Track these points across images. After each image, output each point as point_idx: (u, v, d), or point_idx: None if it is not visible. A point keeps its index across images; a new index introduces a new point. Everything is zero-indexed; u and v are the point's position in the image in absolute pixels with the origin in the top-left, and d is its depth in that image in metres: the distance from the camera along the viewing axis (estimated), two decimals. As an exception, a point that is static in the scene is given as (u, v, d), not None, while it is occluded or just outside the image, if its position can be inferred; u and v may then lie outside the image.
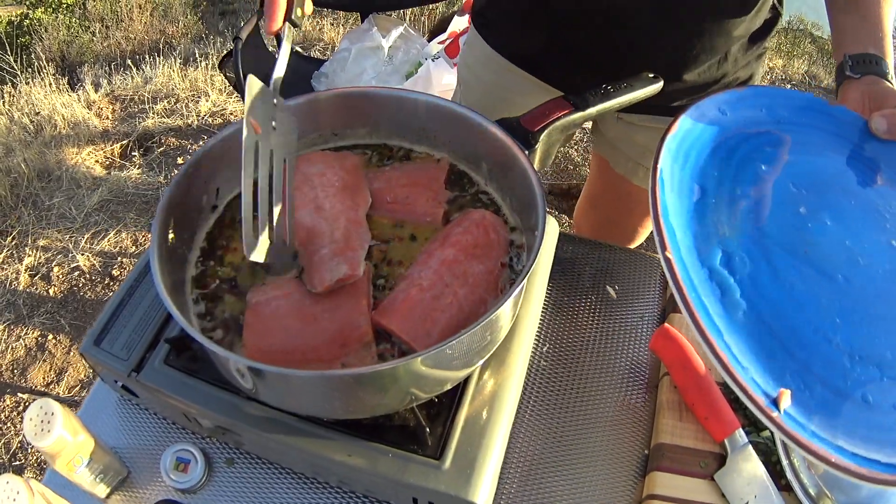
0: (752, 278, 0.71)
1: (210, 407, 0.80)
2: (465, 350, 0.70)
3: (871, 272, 0.75)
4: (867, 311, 0.72)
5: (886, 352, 0.69)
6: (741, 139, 0.85)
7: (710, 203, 0.76)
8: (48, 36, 5.53)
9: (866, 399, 0.66)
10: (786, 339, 0.67)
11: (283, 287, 0.79)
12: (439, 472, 0.75)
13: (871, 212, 0.82)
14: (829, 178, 0.85)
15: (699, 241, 0.72)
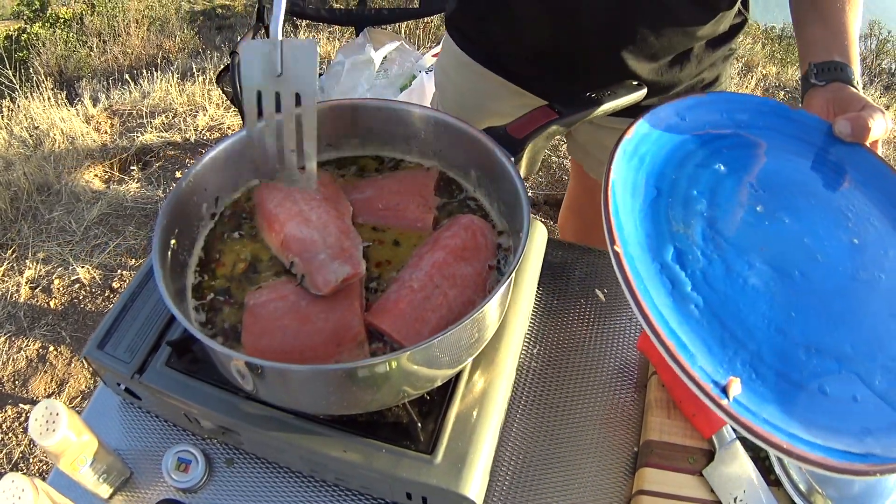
0: (704, 273, 0.73)
1: (210, 406, 0.83)
2: (454, 347, 0.74)
3: (830, 269, 0.78)
4: (825, 306, 0.74)
5: (846, 346, 0.72)
6: (700, 142, 0.89)
7: (665, 203, 0.79)
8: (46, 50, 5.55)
9: (823, 390, 0.68)
10: (737, 331, 0.70)
11: (279, 290, 0.82)
12: (431, 467, 0.78)
13: (833, 211, 0.85)
14: (790, 180, 0.88)
15: (652, 238, 0.75)
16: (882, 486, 0.94)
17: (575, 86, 1.16)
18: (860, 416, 0.68)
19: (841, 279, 0.77)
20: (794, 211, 0.83)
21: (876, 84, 6.50)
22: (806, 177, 0.90)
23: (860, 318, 0.75)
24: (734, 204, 0.82)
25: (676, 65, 1.22)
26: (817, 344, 0.71)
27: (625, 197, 0.77)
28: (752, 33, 7.34)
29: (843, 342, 0.72)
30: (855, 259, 0.80)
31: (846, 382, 0.69)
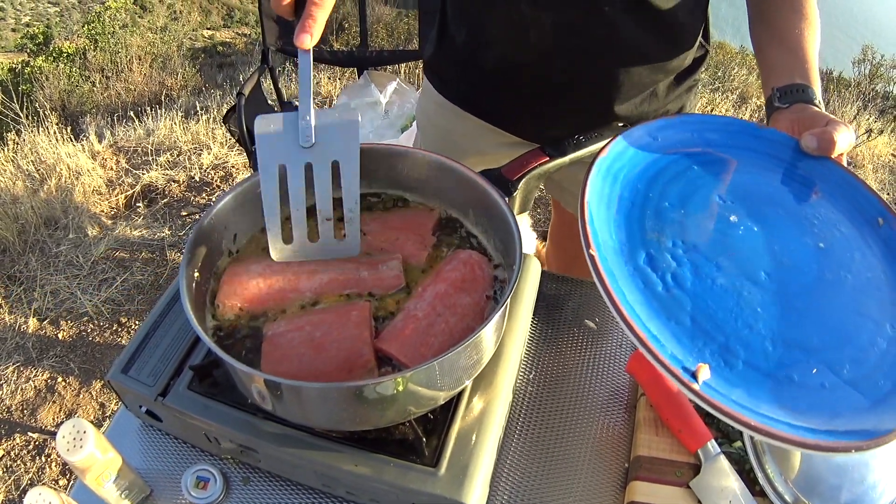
0: (675, 275, 0.81)
1: (231, 426, 0.90)
2: (453, 368, 0.81)
3: (796, 271, 0.85)
4: (791, 304, 0.81)
5: (812, 338, 0.79)
6: (671, 160, 0.96)
7: (638, 214, 0.87)
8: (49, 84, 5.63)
9: (791, 378, 0.75)
10: (705, 325, 0.77)
11: (295, 322, 0.89)
12: (435, 479, 0.85)
13: (800, 220, 0.93)
14: (759, 192, 0.95)
15: (625, 244, 0.83)
16: (870, 495, 0.98)
17: (550, 127, 1.24)
18: (829, 401, 0.74)
19: (807, 280, 0.85)
20: (762, 220, 0.91)
21: (870, 109, 6.58)
22: (774, 189, 0.97)
23: (827, 314, 0.82)
24: (704, 214, 0.90)
25: (645, 101, 1.29)
26: (784, 337, 0.78)
27: (600, 209, 0.85)
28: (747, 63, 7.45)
29: (810, 335, 0.79)
30: (821, 262, 0.87)
31: (814, 372, 0.76)
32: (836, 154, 0.98)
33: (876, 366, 0.78)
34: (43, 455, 2.31)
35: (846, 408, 0.74)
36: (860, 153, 5.69)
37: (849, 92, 7.02)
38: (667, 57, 1.25)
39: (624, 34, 1.17)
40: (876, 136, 5.87)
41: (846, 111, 6.37)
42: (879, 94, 7.47)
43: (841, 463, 0.99)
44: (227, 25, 18.73)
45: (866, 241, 0.92)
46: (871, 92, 7.21)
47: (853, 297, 0.85)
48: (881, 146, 5.94)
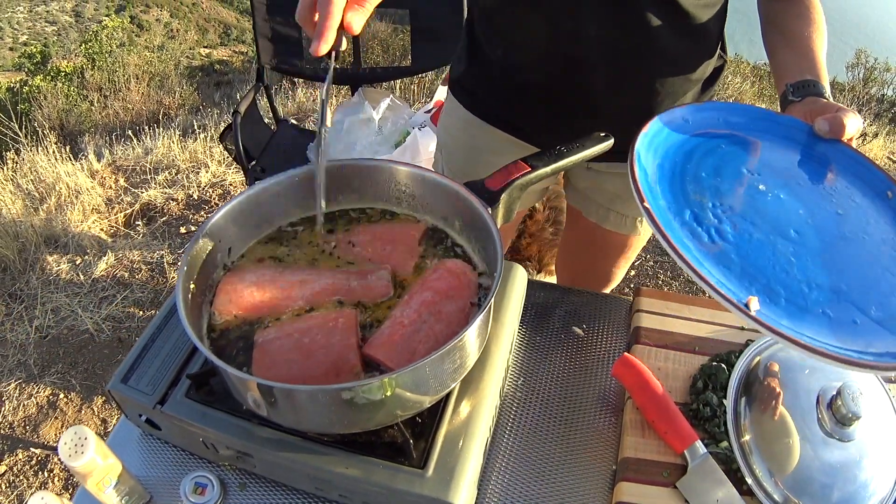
0: (717, 230, 0.93)
1: (227, 432, 0.94)
2: (438, 371, 0.84)
3: (820, 231, 0.97)
4: (819, 256, 0.94)
5: (840, 284, 0.91)
6: (702, 138, 1.09)
7: (679, 180, 0.99)
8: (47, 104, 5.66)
9: (827, 314, 0.85)
10: (749, 269, 0.90)
11: (285, 329, 0.93)
12: (423, 480, 0.88)
13: (819, 191, 1.05)
14: (781, 167, 1.07)
15: (671, 204, 0.95)
16: (861, 494, 1.01)
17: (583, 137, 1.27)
18: (862, 334, 0.84)
19: (831, 238, 0.97)
20: (787, 189, 1.02)
21: (865, 112, 6.62)
22: (793, 165, 1.08)
23: (851, 266, 0.93)
24: (736, 183, 1.02)
25: None
26: (816, 282, 0.90)
27: (642, 175, 0.96)
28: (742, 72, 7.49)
29: (838, 281, 0.90)
30: (841, 225, 1.00)
31: (845, 310, 0.87)
32: (847, 137, 1.08)
33: None
34: (45, 470, 2.33)
35: (878, 340, 0.84)
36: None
37: (843, 96, 7.06)
38: (696, 65, 1.30)
39: (662, 42, 1.21)
40: (871, 139, 5.91)
41: (840, 115, 6.40)
42: (874, 97, 7.52)
43: (832, 462, 1.02)
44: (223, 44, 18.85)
45: (879, 211, 1.03)
46: (865, 96, 7.25)
47: (872, 255, 0.96)
48: (876, 149, 5.96)
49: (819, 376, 1.11)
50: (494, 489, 1.06)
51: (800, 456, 1.03)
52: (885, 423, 1.10)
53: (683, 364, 1.23)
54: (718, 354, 1.24)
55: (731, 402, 1.10)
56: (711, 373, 1.19)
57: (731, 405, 1.10)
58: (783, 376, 1.12)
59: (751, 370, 1.15)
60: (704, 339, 1.28)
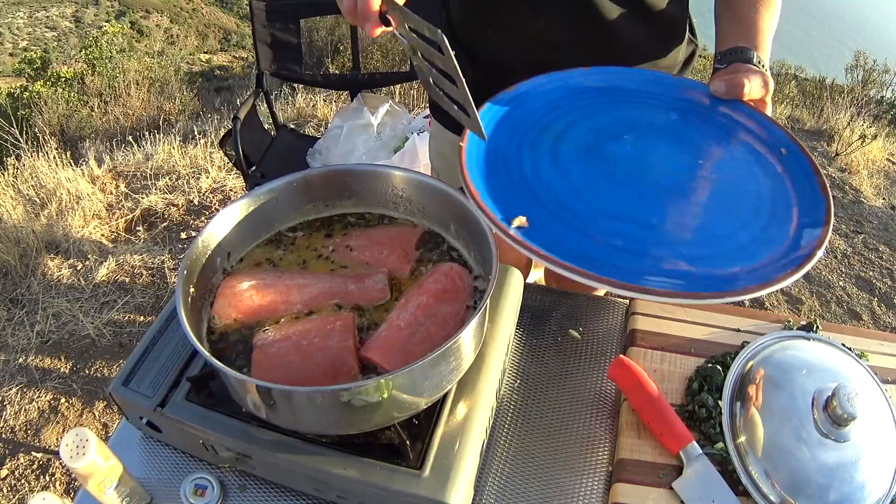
0: (532, 165, 0.97)
1: (226, 434, 0.95)
2: (434, 372, 0.86)
3: (661, 177, 0.97)
4: (641, 195, 0.93)
5: (651, 219, 0.89)
6: (579, 96, 1.13)
7: (525, 122, 1.05)
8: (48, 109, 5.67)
9: (613, 244, 0.85)
10: (541, 195, 0.92)
11: (284, 331, 0.94)
12: (420, 480, 0.89)
13: (688, 144, 1.04)
14: (654, 123, 1.08)
15: (505, 135, 1.01)
16: (858, 494, 1.01)
17: None
18: (647, 267, 0.82)
19: (669, 183, 0.96)
20: (647, 142, 1.04)
21: (864, 114, 6.62)
22: (672, 122, 1.09)
23: (681, 208, 0.92)
24: (590, 130, 1.04)
25: None
26: (617, 213, 0.90)
27: (488, 118, 1.03)
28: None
29: (648, 217, 0.89)
30: (694, 174, 0.99)
31: (644, 243, 0.86)
32: (749, 97, 1.06)
33: (723, 254, 0.85)
34: (47, 474, 2.34)
35: (660, 271, 0.82)
36: (855, 159, 5.73)
37: (842, 98, 7.07)
38: (664, 52, 1.31)
39: (626, 33, 1.23)
40: (870, 141, 5.91)
41: (840, 117, 6.41)
42: (873, 99, 7.53)
43: (829, 463, 1.02)
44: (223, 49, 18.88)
45: (763, 167, 1.00)
46: (864, 97, 7.26)
47: (720, 204, 0.93)
48: (875, 151, 5.97)
49: (815, 377, 1.11)
50: (491, 490, 1.07)
51: (796, 457, 1.03)
52: (881, 423, 1.10)
53: (679, 366, 1.24)
54: (714, 356, 1.25)
55: (727, 404, 1.11)
56: (707, 374, 1.20)
57: (727, 406, 1.11)
58: (779, 377, 1.12)
59: (746, 371, 1.15)
60: (700, 341, 1.29)
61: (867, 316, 3.69)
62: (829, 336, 1.27)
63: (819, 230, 0.87)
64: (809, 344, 1.22)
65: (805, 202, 0.93)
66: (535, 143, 1.00)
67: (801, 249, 0.84)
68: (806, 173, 0.97)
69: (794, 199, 0.94)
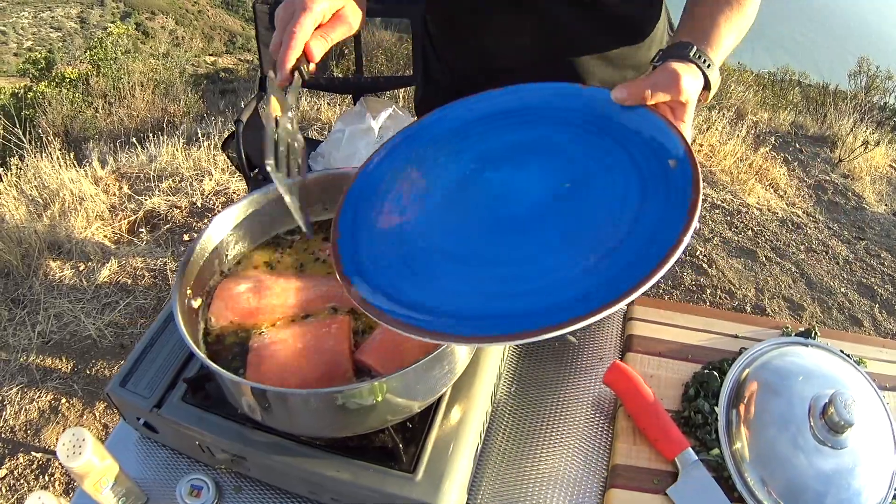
0: (402, 205, 0.96)
1: (222, 435, 0.96)
2: (427, 377, 0.87)
3: (516, 207, 0.92)
4: (495, 229, 0.89)
5: (463, 250, 0.87)
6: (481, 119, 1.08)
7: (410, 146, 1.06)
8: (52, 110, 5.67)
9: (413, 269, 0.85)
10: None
11: (279, 334, 0.95)
12: (413, 484, 0.90)
13: (558, 165, 0.97)
14: (531, 143, 1.02)
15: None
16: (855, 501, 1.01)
17: None
18: (454, 292, 0.81)
19: (516, 212, 0.91)
20: (524, 166, 0.98)
21: (867, 121, 6.64)
22: (559, 140, 1.02)
23: (514, 239, 0.87)
24: (469, 162, 1.01)
25: None
26: (452, 251, 0.87)
27: None
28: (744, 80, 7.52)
29: (463, 248, 0.87)
30: (551, 201, 0.92)
31: (475, 282, 0.82)
32: (652, 101, 0.96)
33: (541, 289, 0.80)
34: (46, 474, 2.35)
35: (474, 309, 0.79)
36: (858, 165, 5.74)
37: (845, 104, 7.08)
38: (629, 55, 1.29)
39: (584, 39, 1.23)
40: (873, 147, 5.92)
41: (843, 124, 6.42)
42: (876, 105, 7.54)
43: (825, 470, 1.02)
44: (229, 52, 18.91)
45: (643, 182, 0.91)
46: (867, 104, 7.27)
47: (565, 232, 0.87)
48: (878, 157, 5.98)
49: (812, 383, 1.11)
50: (486, 494, 1.07)
51: (792, 464, 1.03)
52: (879, 430, 1.10)
53: (676, 372, 1.24)
54: (711, 362, 1.25)
55: (723, 410, 1.12)
56: (704, 380, 1.20)
57: (723, 413, 1.11)
58: (776, 384, 1.13)
59: (743, 378, 1.16)
60: (697, 347, 1.29)
61: (868, 322, 3.69)
62: (827, 342, 1.27)
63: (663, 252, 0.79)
64: (807, 350, 1.22)
65: (665, 223, 0.84)
66: (417, 179, 1.00)
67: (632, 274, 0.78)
68: (683, 190, 0.87)
69: (657, 220, 0.85)
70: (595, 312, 0.72)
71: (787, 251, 4.19)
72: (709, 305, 3.50)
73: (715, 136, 5.35)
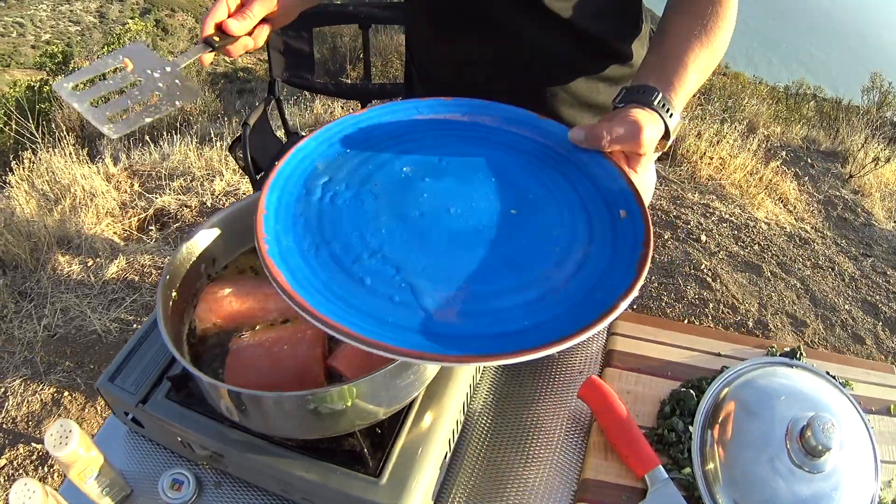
0: (335, 194, 0.95)
1: (201, 433, 0.99)
2: (392, 384, 0.90)
3: (458, 221, 0.93)
4: (426, 238, 0.90)
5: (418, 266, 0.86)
6: (419, 128, 1.10)
7: (339, 153, 1.03)
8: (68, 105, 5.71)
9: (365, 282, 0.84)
10: (324, 226, 0.91)
11: (258, 337, 0.99)
12: (377, 487, 0.93)
13: (508, 190, 0.99)
14: (481, 163, 1.03)
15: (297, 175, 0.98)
16: None
17: None
18: (394, 311, 0.80)
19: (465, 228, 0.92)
20: (467, 183, 0.99)
21: (878, 137, 6.61)
22: (508, 165, 1.03)
23: (460, 258, 0.87)
24: (400, 166, 1.01)
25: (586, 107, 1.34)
26: (385, 254, 0.87)
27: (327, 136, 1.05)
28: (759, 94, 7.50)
29: (416, 263, 0.86)
30: (497, 223, 0.93)
31: (393, 286, 0.83)
32: (609, 148, 0.98)
33: (478, 313, 0.81)
34: (46, 465, 2.39)
35: (407, 323, 0.79)
36: (868, 181, 5.72)
37: (857, 120, 7.06)
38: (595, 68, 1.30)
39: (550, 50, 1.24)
40: (883, 163, 5.91)
41: (855, 139, 6.41)
42: (888, 121, 7.51)
43: (802, 494, 1.01)
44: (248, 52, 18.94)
45: (589, 228, 0.93)
46: (878, 119, 7.25)
47: (505, 259, 0.88)
48: (888, 174, 5.96)
49: (793, 405, 1.09)
50: (458, 500, 1.10)
51: (767, 486, 1.02)
52: (860, 454, 1.08)
53: (654, 389, 1.25)
54: (690, 380, 1.25)
55: (698, 429, 1.11)
56: (680, 398, 1.20)
57: (698, 431, 1.11)
58: (755, 404, 1.11)
59: (721, 397, 1.15)
60: (678, 365, 1.30)
61: (871, 340, 3.68)
62: (813, 363, 1.26)
63: (610, 303, 0.80)
64: (791, 371, 1.20)
65: (612, 275, 0.85)
66: (352, 171, 1.00)
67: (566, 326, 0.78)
68: (633, 243, 0.89)
69: (601, 270, 0.87)
70: (535, 350, 0.74)
71: (793, 267, 4.18)
72: (711, 320, 3.51)
73: (726, 148, 5.35)
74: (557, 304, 0.81)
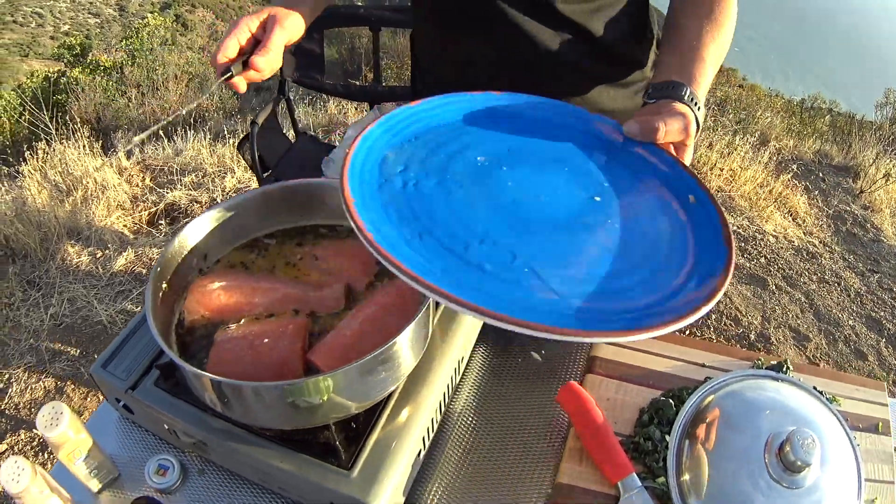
0: (418, 183, 0.96)
1: (186, 420, 1.03)
2: (365, 379, 0.93)
3: (550, 208, 0.95)
4: (526, 224, 0.92)
5: (533, 249, 0.88)
6: (481, 121, 1.12)
7: (415, 144, 1.05)
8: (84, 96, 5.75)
9: (484, 268, 0.83)
10: (419, 212, 0.91)
11: (242, 330, 1.02)
12: (349, 480, 0.96)
13: (585, 180, 1.02)
14: (554, 154, 1.07)
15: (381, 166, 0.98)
16: None
17: None
18: (525, 296, 0.80)
19: (558, 216, 0.94)
20: (545, 172, 1.03)
21: (890, 153, 6.57)
22: (573, 155, 1.07)
23: (567, 243, 0.90)
24: (480, 156, 1.03)
25: None
26: (496, 238, 0.88)
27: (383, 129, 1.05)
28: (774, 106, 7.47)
29: (528, 248, 0.87)
30: (587, 209, 0.96)
31: (516, 271, 0.84)
32: (665, 140, 1.03)
33: (604, 293, 0.83)
34: (46, 451, 2.43)
35: (540, 305, 0.79)
36: (878, 197, 5.69)
37: (871, 135, 7.02)
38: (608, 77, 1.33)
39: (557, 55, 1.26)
40: (894, 180, 5.88)
41: (867, 154, 6.37)
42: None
43: None
44: (252, 82, 18.98)
45: (665, 213, 0.98)
46: (891, 135, 7.20)
47: (601, 240, 0.91)
48: (899, 189, 5.93)
49: (776, 419, 1.07)
50: (432, 497, 1.13)
51: (745, 500, 1.01)
52: (843, 471, 1.06)
53: (635, 397, 1.25)
54: (671, 390, 1.25)
55: (675, 439, 1.11)
56: (659, 407, 1.21)
57: (675, 441, 1.10)
58: (736, 417, 1.10)
59: (702, 408, 1.14)
60: (661, 374, 1.30)
61: (873, 356, 3.67)
62: (800, 378, 1.25)
63: (714, 280, 0.84)
64: (777, 385, 1.17)
65: (704, 253, 0.90)
66: (425, 159, 1.01)
67: (688, 299, 0.82)
68: (712, 224, 0.94)
69: (692, 248, 0.92)
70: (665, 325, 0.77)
71: (799, 281, 4.18)
72: (713, 331, 3.51)
73: (736, 160, 5.34)
74: (668, 282, 0.85)
